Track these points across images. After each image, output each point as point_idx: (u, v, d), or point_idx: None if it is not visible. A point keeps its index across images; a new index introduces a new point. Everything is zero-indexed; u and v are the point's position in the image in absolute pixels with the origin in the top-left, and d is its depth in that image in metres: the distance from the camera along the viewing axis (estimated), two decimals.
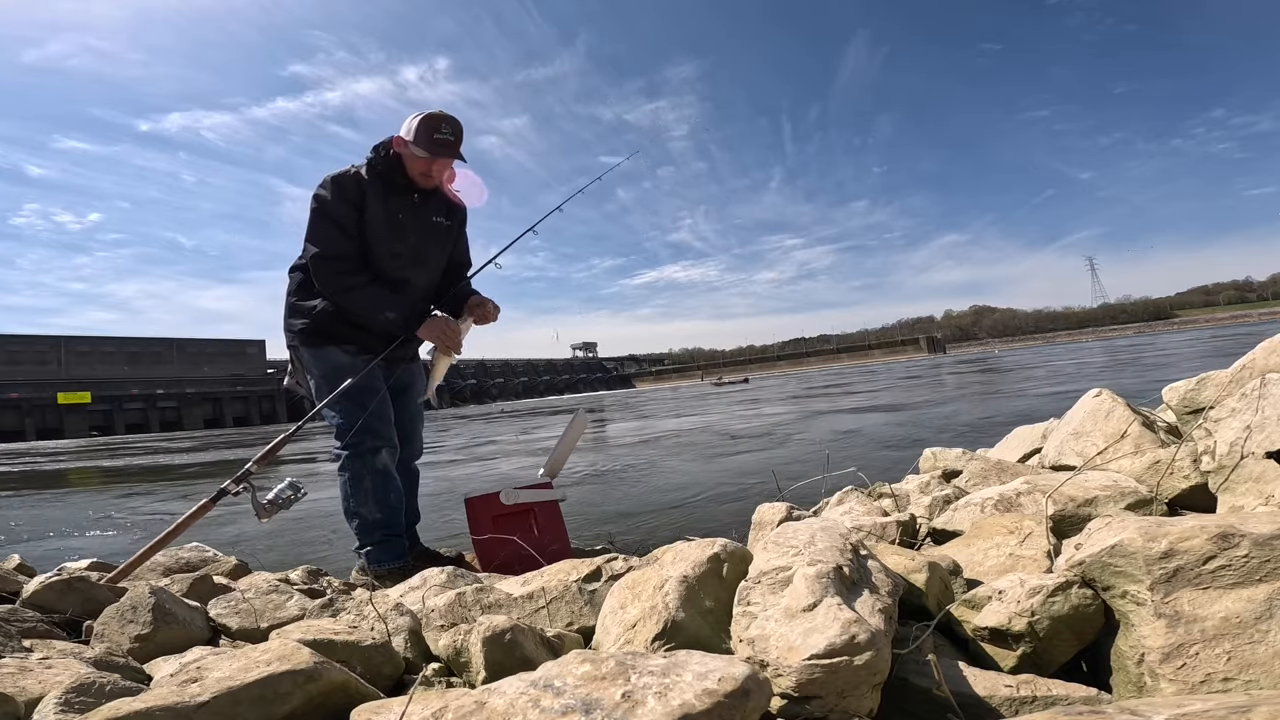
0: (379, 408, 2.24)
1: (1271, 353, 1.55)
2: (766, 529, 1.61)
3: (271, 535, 3.81)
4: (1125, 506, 1.35)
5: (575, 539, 2.61)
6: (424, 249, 2.35)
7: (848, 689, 0.77)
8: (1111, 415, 1.82)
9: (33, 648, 1.26)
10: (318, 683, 0.87)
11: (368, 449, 2.23)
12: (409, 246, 2.30)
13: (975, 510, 1.52)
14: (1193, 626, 0.80)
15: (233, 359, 79.53)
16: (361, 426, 2.19)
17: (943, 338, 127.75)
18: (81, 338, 70.50)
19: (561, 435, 2.51)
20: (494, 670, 1.00)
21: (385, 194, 2.22)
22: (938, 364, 41.33)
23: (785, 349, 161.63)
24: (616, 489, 4.66)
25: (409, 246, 2.30)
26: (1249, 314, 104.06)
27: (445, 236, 2.42)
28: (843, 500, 1.96)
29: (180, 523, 1.93)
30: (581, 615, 1.31)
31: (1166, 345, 24.85)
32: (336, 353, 2.27)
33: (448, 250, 2.46)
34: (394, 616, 1.26)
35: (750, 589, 0.95)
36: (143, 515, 5.33)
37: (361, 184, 2.20)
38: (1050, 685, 0.82)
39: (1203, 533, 0.85)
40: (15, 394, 59.86)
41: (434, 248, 2.39)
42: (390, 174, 2.23)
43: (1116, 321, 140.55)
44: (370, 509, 2.23)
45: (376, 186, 2.21)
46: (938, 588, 1.07)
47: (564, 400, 65.68)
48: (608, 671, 0.73)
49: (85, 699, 0.87)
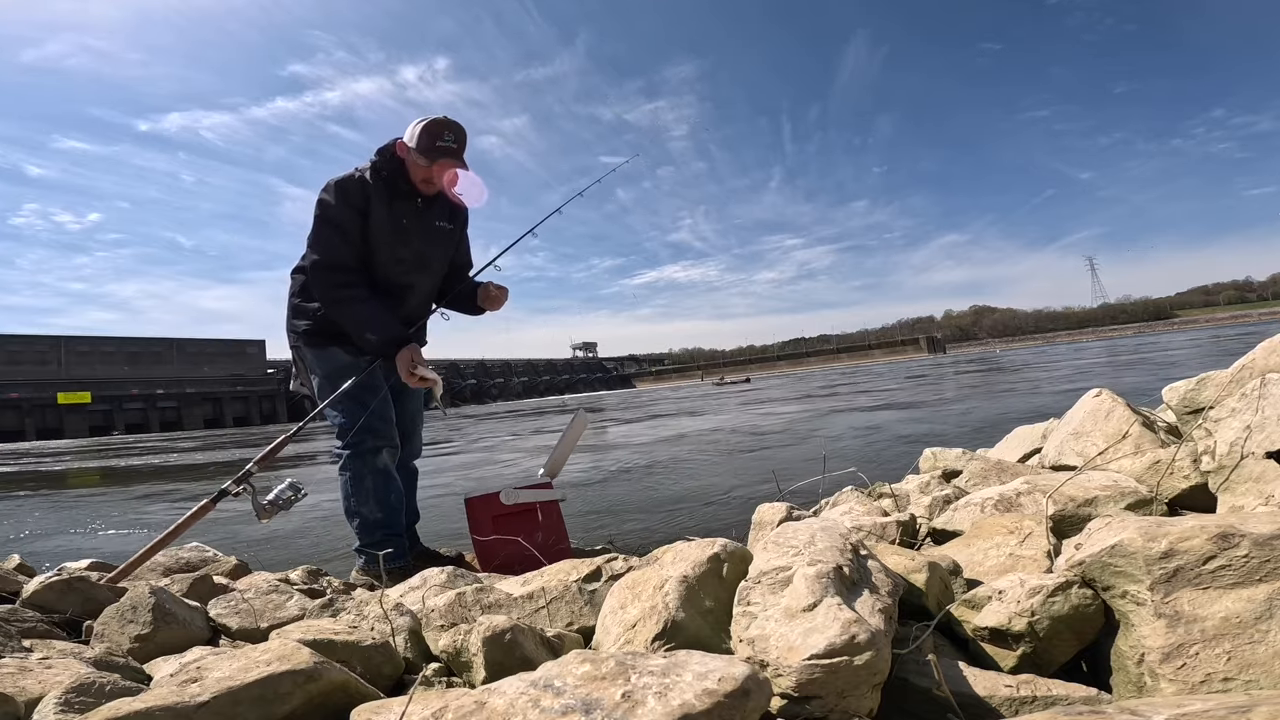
0: (380, 407, 2.24)
1: (1271, 353, 1.55)
2: (766, 529, 1.61)
3: (272, 535, 3.81)
4: (1125, 506, 1.35)
5: (593, 538, 2.60)
6: (428, 253, 2.35)
7: (848, 689, 0.77)
8: (1111, 415, 1.82)
9: (33, 648, 1.26)
10: (318, 683, 0.87)
11: (368, 448, 2.23)
12: (413, 251, 2.30)
13: (975, 510, 1.51)
14: (1193, 626, 0.80)
15: (233, 359, 79.51)
16: (362, 426, 2.19)
17: (943, 338, 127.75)
18: (81, 338, 70.48)
19: (562, 435, 2.51)
20: (494, 670, 1.00)
21: (389, 198, 2.22)
22: (939, 363, 41.33)
23: (785, 349, 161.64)
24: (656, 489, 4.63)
25: (413, 251, 2.30)
26: (1249, 314, 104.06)
27: (448, 240, 2.42)
28: (842, 500, 1.96)
29: (181, 523, 1.93)
30: (581, 615, 1.31)
31: (1171, 344, 24.82)
32: (339, 353, 2.27)
33: (450, 254, 2.47)
34: (394, 616, 1.26)
35: (750, 589, 0.95)
36: (143, 515, 5.33)
37: (365, 188, 2.19)
38: (1050, 685, 0.82)
39: (1203, 533, 0.85)
40: (15, 394, 59.85)
41: (437, 251, 2.39)
42: (394, 178, 2.23)
43: (1116, 322, 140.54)
44: (371, 508, 2.23)
45: (380, 191, 2.21)
46: (938, 588, 1.07)
47: (564, 400, 65.68)
48: (608, 671, 0.73)
49: (85, 699, 0.87)
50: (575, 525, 2.98)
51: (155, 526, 4.61)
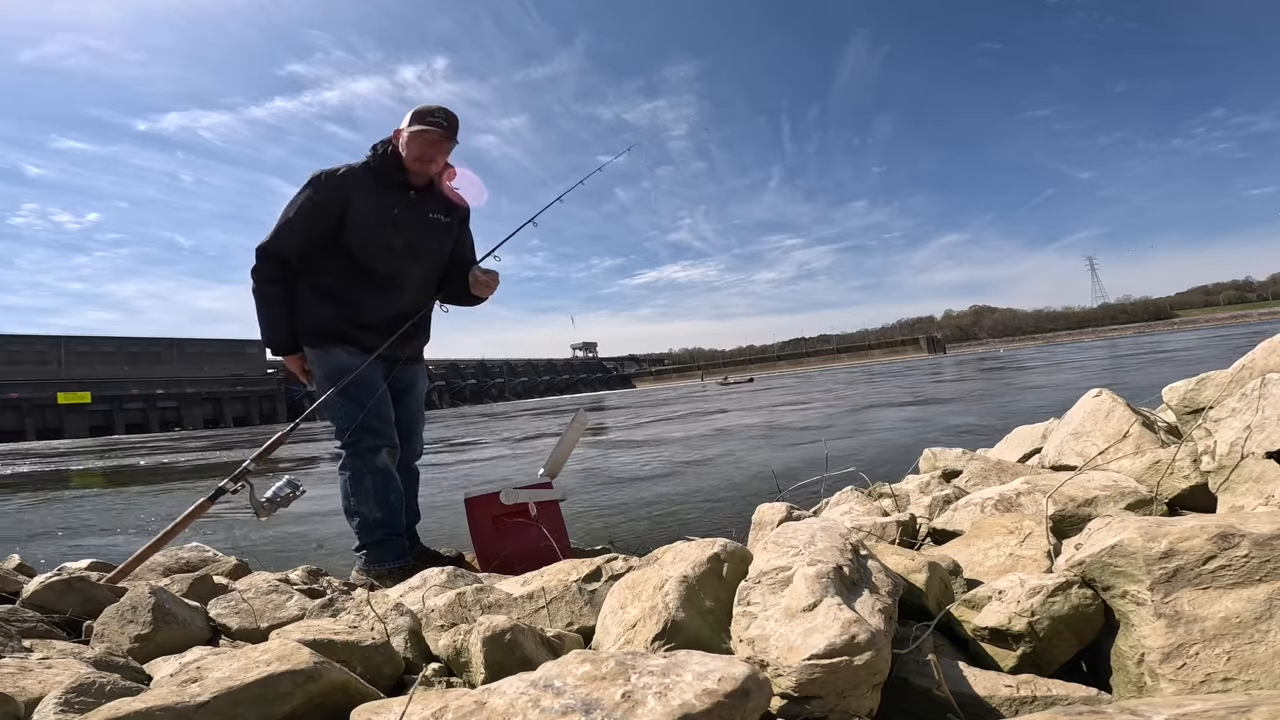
0: (379, 407, 2.24)
1: (1271, 353, 1.55)
2: (766, 529, 1.61)
3: (272, 535, 3.81)
4: (1125, 506, 1.35)
5: (593, 538, 2.60)
6: (420, 244, 2.35)
7: (848, 689, 0.77)
8: (1112, 415, 1.82)
9: (33, 648, 1.26)
10: (318, 683, 0.87)
11: (368, 448, 2.23)
12: (404, 240, 2.31)
13: (975, 510, 1.51)
14: (1193, 626, 0.80)
15: (233, 359, 79.49)
16: (361, 425, 2.20)
17: (943, 338, 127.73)
18: (81, 338, 70.45)
19: (562, 435, 2.51)
20: (494, 670, 1.00)
21: (376, 190, 2.24)
22: (939, 363, 41.29)
23: (785, 349, 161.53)
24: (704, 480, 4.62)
25: (404, 240, 2.31)
26: (1249, 314, 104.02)
27: (444, 233, 2.42)
28: (842, 500, 1.96)
29: (179, 522, 1.92)
30: (581, 615, 1.31)
31: (1177, 344, 24.77)
32: (340, 353, 2.28)
33: (447, 246, 2.47)
34: (394, 616, 1.26)
35: (750, 589, 0.95)
36: (143, 515, 5.33)
37: (346, 181, 2.22)
38: (1050, 685, 0.82)
39: (1203, 533, 0.85)
40: (15, 394, 59.83)
41: (431, 243, 2.39)
42: (386, 170, 2.26)
43: (1116, 321, 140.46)
44: (370, 508, 2.23)
45: (367, 182, 2.24)
46: (938, 588, 1.07)
47: (564, 400, 65.65)
48: (608, 671, 0.73)
49: (85, 699, 0.87)
50: (576, 526, 2.98)
51: (155, 526, 4.61)
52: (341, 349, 2.27)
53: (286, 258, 2.23)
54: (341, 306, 2.28)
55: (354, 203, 2.21)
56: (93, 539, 4.28)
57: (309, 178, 2.23)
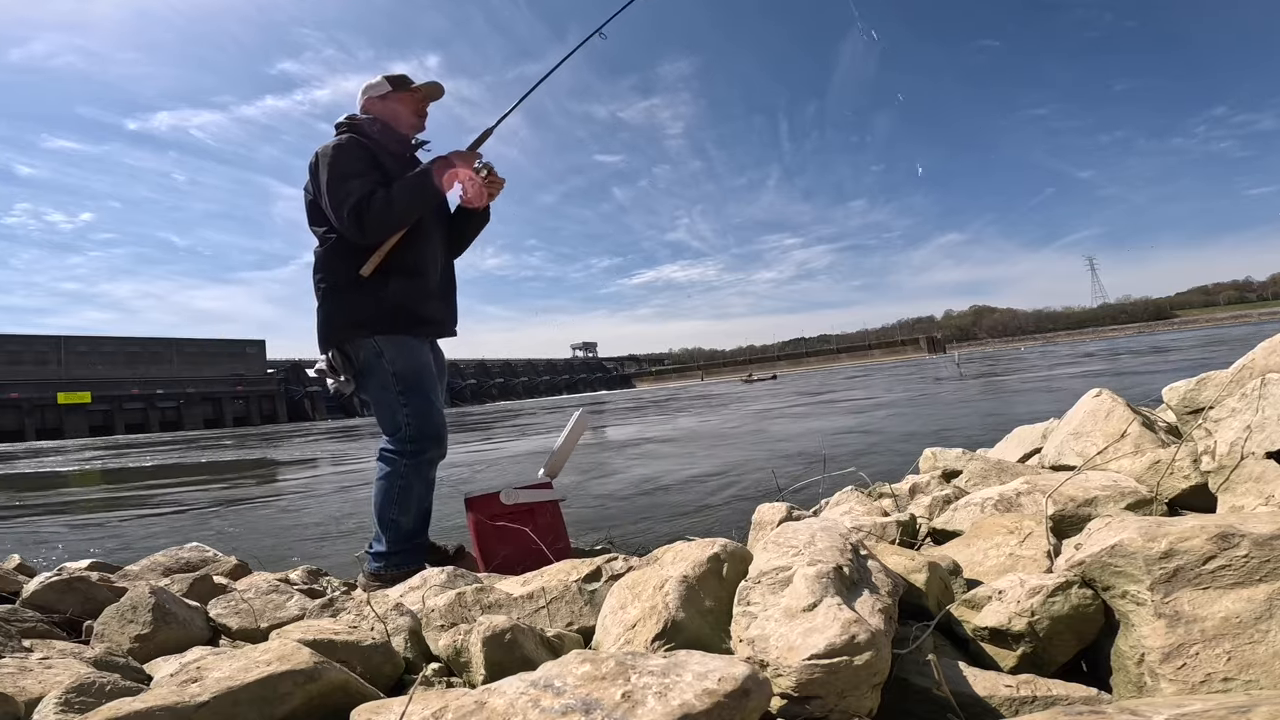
0: (441, 410, 2.21)
1: (1271, 353, 1.55)
2: (766, 529, 1.61)
3: (272, 535, 3.81)
4: (1125, 506, 1.34)
5: (593, 538, 2.60)
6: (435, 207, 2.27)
7: (848, 689, 0.77)
8: (1111, 415, 1.82)
9: (33, 648, 1.26)
10: (318, 683, 0.87)
11: (429, 459, 2.16)
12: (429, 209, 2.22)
13: (975, 510, 1.51)
14: (1193, 626, 0.80)
15: (233, 359, 79.49)
16: (432, 433, 2.13)
17: (943, 338, 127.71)
18: (81, 338, 70.44)
19: (562, 435, 2.51)
20: (494, 670, 1.00)
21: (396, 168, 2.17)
22: (939, 362, 41.29)
23: (785, 349, 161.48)
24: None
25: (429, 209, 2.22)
26: (1249, 314, 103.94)
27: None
28: (842, 500, 1.96)
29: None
30: (581, 615, 1.31)
31: (1174, 344, 24.73)
32: (415, 344, 2.19)
33: (446, 209, 2.40)
34: (394, 616, 1.26)
35: (750, 589, 0.95)
36: (145, 515, 5.33)
37: (365, 146, 2.13)
38: (1050, 685, 0.82)
39: (1203, 533, 0.85)
40: (15, 394, 59.83)
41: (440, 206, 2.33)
42: (382, 139, 2.19)
43: (1116, 321, 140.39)
44: (410, 518, 2.15)
45: (377, 150, 2.17)
46: (938, 588, 1.07)
47: (565, 400, 65.60)
48: (608, 671, 0.73)
49: (85, 699, 0.87)
50: (576, 525, 2.98)
51: (159, 526, 4.61)
52: (410, 335, 2.17)
53: (374, 190, 2.04)
54: (405, 290, 2.14)
55: (382, 163, 2.13)
56: (93, 539, 4.27)
57: (324, 148, 2.08)
